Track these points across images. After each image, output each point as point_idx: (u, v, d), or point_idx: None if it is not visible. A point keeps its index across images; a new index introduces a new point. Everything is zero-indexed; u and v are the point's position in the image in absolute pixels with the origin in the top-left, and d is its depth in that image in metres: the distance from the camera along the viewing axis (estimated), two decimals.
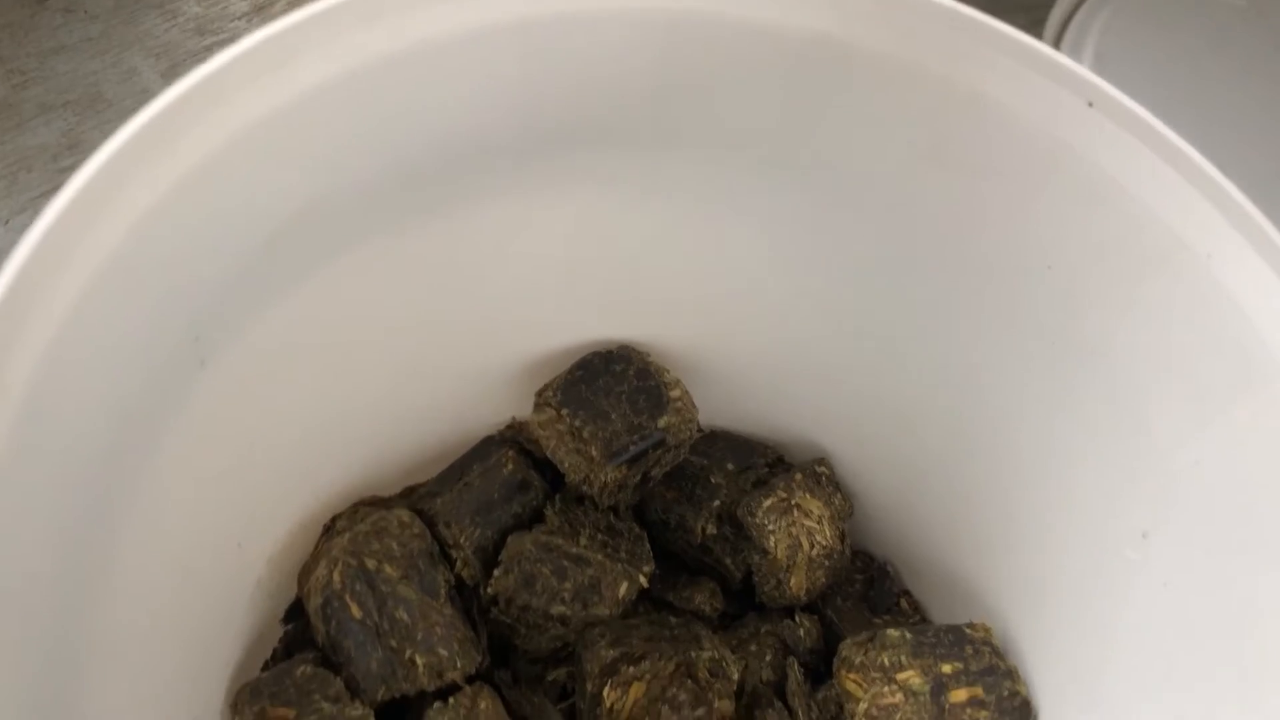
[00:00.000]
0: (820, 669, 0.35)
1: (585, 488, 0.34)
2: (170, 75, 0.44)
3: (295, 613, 0.34)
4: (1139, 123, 0.23)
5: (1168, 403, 0.26)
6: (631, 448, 0.33)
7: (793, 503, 0.34)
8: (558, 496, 0.35)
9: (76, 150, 0.42)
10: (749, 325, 0.34)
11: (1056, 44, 0.47)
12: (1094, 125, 0.24)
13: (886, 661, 0.31)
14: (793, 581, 0.34)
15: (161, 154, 0.21)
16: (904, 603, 0.36)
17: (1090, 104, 0.23)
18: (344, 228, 0.26)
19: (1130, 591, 0.28)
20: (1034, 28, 0.47)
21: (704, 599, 0.35)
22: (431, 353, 0.32)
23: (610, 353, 0.34)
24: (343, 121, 0.23)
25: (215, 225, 0.22)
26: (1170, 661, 0.26)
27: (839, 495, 0.35)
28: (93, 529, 0.23)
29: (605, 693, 0.31)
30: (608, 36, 0.25)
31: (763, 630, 0.35)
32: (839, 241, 0.29)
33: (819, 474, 0.35)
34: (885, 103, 0.26)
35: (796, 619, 0.35)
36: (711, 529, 0.35)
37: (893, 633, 0.31)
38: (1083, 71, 0.23)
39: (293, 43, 0.22)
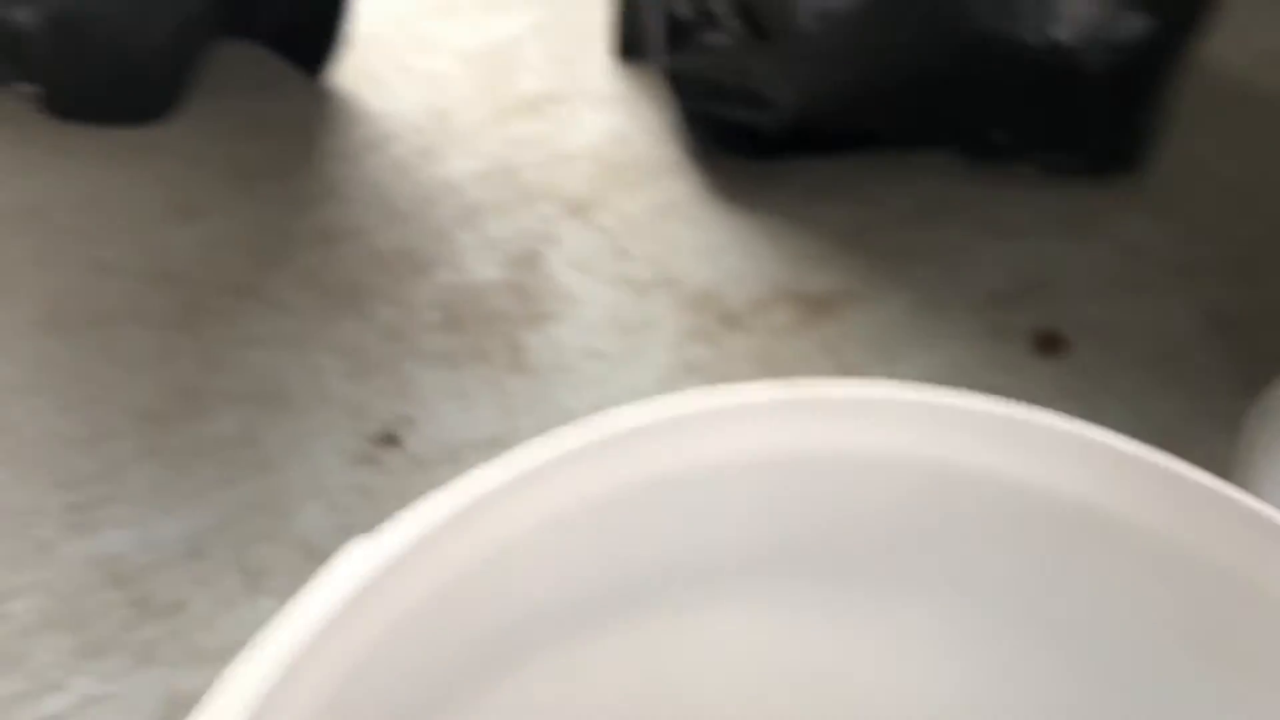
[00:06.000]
0: None
1: None
2: (353, 376, 0.44)
3: None
4: None
5: None
6: None
7: None
8: None
9: (247, 445, 0.42)
10: None
11: None
12: None
13: None
14: None
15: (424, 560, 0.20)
16: None
17: None
18: (534, 642, 0.24)
19: None
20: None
21: None
22: None
23: None
24: (591, 541, 0.22)
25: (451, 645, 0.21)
26: None
27: None
28: None
29: None
30: (866, 478, 0.24)
31: None
32: (1075, 711, 0.27)
33: None
34: (1146, 581, 0.24)
35: None
36: None
37: None
38: None
39: (572, 458, 0.21)
